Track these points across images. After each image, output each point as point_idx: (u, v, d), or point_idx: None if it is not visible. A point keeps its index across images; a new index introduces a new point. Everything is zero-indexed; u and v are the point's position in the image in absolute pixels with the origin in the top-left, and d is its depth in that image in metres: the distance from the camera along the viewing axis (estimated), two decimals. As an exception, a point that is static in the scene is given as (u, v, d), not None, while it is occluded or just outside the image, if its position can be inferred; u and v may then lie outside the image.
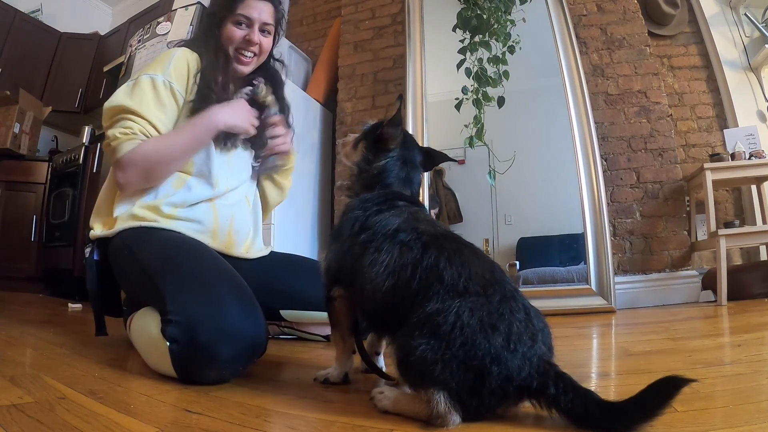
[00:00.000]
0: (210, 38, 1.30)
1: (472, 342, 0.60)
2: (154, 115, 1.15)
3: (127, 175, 1.13)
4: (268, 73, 1.41)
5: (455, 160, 1.00)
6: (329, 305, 0.86)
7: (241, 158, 1.32)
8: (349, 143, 0.96)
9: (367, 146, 0.89)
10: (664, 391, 0.56)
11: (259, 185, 1.45)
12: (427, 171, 1.03)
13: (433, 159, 0.98)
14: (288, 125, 1.38)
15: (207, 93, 1.20)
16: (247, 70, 1.32)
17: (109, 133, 1.13)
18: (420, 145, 0.95)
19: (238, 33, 1.28)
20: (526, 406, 0.63)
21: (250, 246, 1.35)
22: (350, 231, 0.79)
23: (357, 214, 0.80)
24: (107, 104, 1.16)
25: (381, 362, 0.94)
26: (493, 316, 0.63)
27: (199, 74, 1.23)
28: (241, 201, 1.33)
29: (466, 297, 0.64)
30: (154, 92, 1.16)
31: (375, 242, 0.75)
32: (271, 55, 1.40)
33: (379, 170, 0.86)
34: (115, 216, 1.17)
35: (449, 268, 0.68)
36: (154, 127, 1.15)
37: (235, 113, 1.21)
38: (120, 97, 1.15)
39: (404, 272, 0.70)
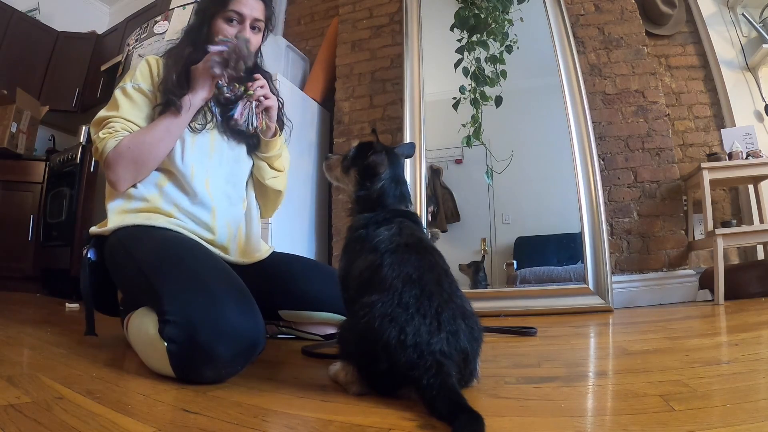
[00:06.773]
0: (198, 35, 1.30)
1: (369, 328, 0.71)
2: (131, 113, 1.20)
3: (117, 170, 1.16)
4: (258, 72, 1.40)
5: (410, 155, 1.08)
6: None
7: (237, 157, 1.34)
8: (336, 166, 1.06)
9: (359, 173, 0.98)
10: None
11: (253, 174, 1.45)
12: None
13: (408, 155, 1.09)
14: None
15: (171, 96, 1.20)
16: None
17: (94, 137, 1.19)
18: (396, 152, 1.02)
19: (229, 30, 1.28)
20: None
21: (244, 250, 1.35)
22: (355, 245, 0.91)
23: (361, 232, 0.91)
24: (91, 123, 1.22)
25: None
26: (396, 309, 0.71)
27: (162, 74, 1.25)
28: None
29: (386, 293, 0.74)
30: (126, 98, 1.22)
31: (364, 251, 0.87)
32: (258, 51, 1.40)
33: (377, 194, 0.95)
34: (109, 214, 1.19)
35: (389, 269, 0.79)
36: (134, 123, 1.20)
37: (195, 82, 1.21)
38: (99, 113, 1.22)
39: (366, 272, 0.83)
